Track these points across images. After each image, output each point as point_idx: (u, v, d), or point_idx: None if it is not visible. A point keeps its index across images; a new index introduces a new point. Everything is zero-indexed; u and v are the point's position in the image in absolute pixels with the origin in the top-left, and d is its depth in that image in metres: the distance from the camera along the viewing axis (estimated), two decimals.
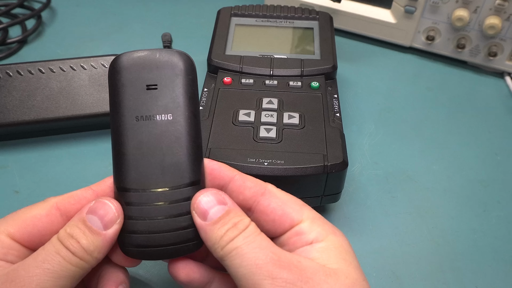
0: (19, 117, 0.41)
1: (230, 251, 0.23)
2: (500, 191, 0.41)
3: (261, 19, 0.49)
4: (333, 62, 0.44)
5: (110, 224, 0.25)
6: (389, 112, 0.49)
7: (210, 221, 0.25)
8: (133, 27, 0.59)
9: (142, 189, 0.25)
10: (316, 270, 0.23)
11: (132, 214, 0.25)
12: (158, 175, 0.25)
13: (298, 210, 0.26)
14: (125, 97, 0.26)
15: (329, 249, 0.24)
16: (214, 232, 0.24)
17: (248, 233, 0.24)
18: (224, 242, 0.24)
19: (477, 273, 0.35)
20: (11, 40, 0.55)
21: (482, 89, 0.52)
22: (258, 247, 0.23)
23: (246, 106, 0.39)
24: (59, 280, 0.23)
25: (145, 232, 0.25)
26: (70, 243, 0.24)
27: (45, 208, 0.26)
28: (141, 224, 0.25)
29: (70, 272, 0.24)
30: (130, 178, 0.25)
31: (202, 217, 0.25)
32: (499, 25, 0.48)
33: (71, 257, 0.24)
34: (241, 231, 0.24)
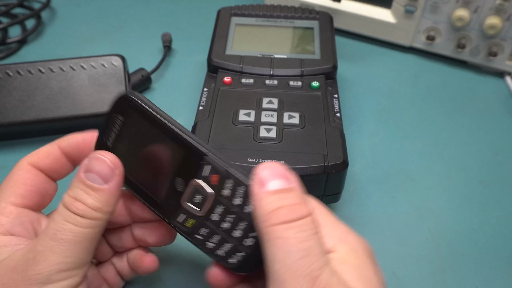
0: (19, 117, 0.41)
1: (276, 237, 0.21)
2: (500, 191, 0.41)
3: (261, 19, 0.49)
4: (333, 62, 0.44)
5: (109, 177, 0.25)
6: (389, 112, 0.49)
7: (266, 189, 0.22)
8: (133, 27, 0.59)
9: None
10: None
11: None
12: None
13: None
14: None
15: (346, 262, 0.22)
16: (266, 203, 0.22)
17: (305, 228, 0.21)
18: (275, 219, 0.21)
19: (477, 273, 0.35)
20: (11, 40, 0.55)
21: (482, 89, 0.52)
22: (307, 252, 0.21)
23: (246, 106, 0.39)
24: (77, 246, 0.23)
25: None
26: (75, 206, 0.24)
27: (21, 168, 0.27)
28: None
29: (85, 235, 0.24)
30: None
31: (259, 184, 0.23)
32: (500, 25, 0.48)
33: (81, 220, 0.24)
34: (295, 219, 0.21)
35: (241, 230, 0.24)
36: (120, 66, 0.44)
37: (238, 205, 0.24)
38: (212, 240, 0.25)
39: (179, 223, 0.26)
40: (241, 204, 0.24)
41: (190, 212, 0.25)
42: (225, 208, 0.25)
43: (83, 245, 0.24)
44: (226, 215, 0.25)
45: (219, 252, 0.25)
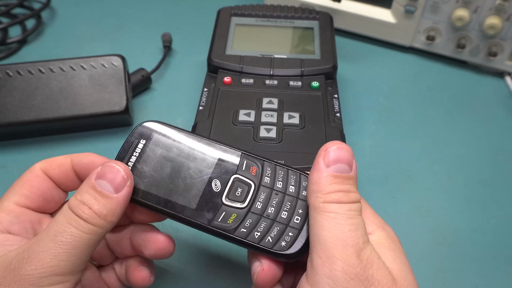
0: (19, 117, 0.41)
1: (330, 211, 0.23)
2: (500, 191, 0.41)
3: (261, 19, 0.49)
4: (333, 62, 0.44)
5: (120, 186, 0.25)
6: (389, 112, 0.49)
7: (330, 170, 0.24)
8: (133, 27, 0.59)
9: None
10: (384, 273, 0.23)
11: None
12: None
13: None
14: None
15: (383, 246, 0.24)
16: (327, 182, 0.24)
17: (355, 209, 0.23)
18: (331, 198, 0.23)
19: (477, 273, 0.35)
20: (11, 40, 0.55)
21: (482, 89, 0.52)
22: (355, 227, 0.23)
23: (246, 106, 0.39)
24: (75, 250, 0.23)
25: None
26: (81, 210, 0.24)
27: (32, 171, 0.27)
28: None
29: (85, 240, 0.24)
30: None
31: (326, 162, 0.24)
32: (499, 25, 0.48)
33: (83, 225, 0.24)
34: (350, 201, 0.23)
35: (286, 211, 0.25)
36: (120, 66, 0.44)
37: (280, 188, 0.26)
38: (258, 228, 0.25)
39: (218, 223, 0.26)
40: (283, 187, 0.26)
41: (231, 207, 0.26)
42: (267, 194, 0.26)
43: (80, 251, 0.23)
44: (270, 200, 0.26)
45: (267, 238, 0.25)
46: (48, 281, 0.23)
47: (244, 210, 0.26)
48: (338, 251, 0.22)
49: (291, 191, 0.26)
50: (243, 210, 0.26)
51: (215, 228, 0.26)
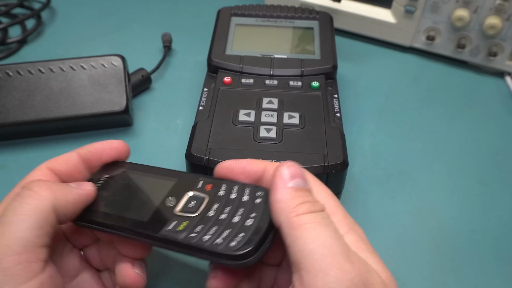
0: (19, 117, 0.41)
1: (306, 222, 0.22)
2: (500, 191, 0.41)
3: (261, 19, 0.49)
4: (333, 62, 0.44)
5: (83, 186, 0.27)
6: (389, 112, 0.49)
7: (291, 185, 0.24)
8: (133, 27, 0.59)
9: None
10: (375, 275, 0.22)
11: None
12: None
13: (322, 199, 0.25)
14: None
15: (360, 248, 0.24)
16: (292, 196, 0.24)
17: (326, 217, 0.23)
18: (302, 210, 0.23)
19: (477, 273, 0.35)
20: (11, 40, 0.55)
21: (482, 89, 0.52)
22: (335, 233, 0.22)
23: (246, 106, 0.39)
24: (21, 226, 0.23)
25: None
26: (33, 182, 0.25)
27: (38, 169, 0.28)
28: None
29: (28, 212, 0.23)
30: None
31: (283, 180, 0.24)
32: (500, 25, 0.48)
33: (28, 195, 0.24)
34: (320, 210, 0.23)
35: (240, 215, 0.25)
36: (120, 66, 0.44)
37: (234, 198, 0.26)
38: (209, 232, 0.25)
39: (168, 230, 0.25)
40: (237, 197, 0.26)
41: (183, 217, 0.26)
42: (221, 204, 0.26)
43: (27, 224, 0.23)
44: (223, 209, 0.25)
45: (218, 240, 0.24)
46: (4, 264, 0.22)
47: (196, 218, 0.25)
48: (329, 260, 0.21)
49: (245, 199, 0.25)
50: (195, 218, 0.25)
51: (165, 236, 0.25)
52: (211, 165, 0.34)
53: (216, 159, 0.34)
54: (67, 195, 0.25)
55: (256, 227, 0.24)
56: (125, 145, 0.31)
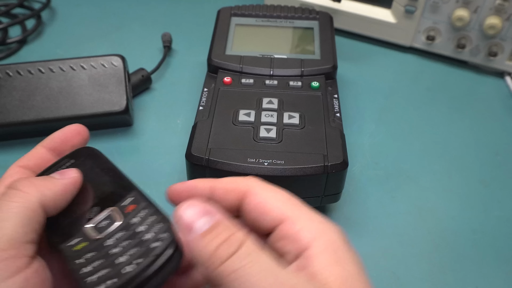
0: (19, 117, 0.41)
1: (228, 273, 0.20)
2: (500, 191, 0.41)
3: (261, 19, 0.49)
4: (333, 62, 0.44)
5: (67, 175, 0.27)
6: (389, 112, 0.49)
7: (196, 234, 0.22)
8: (133, 27, 0.59)
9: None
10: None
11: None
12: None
13: (279, 208, 0.24)
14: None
15: (324, 259, 0.22)
16: (203, 247, 0.21)
17: (247, 252, 0.21)
18: (218, 261, 0.21)
19: (477, 273, 0.35)
20: (11, 40, 0.55)
21: (482, 89, 0.52)
22: (261, 270, 0.20)
23: (246, 106, 0.39)
24: (7, 223, 0.23)
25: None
26: (17, 181, 0.25)
27: (11, 169, 0.28)
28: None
29: (13, 209, 0.23)
30: None
31: (187, 231, 0.22)
32: (499, 25, 0.48)
33: (14, 193, 0.24)
34: (236, 248, 0.21)
35: (130, 255, 0.24)
36: (120, 66, 0.44)
37: (140, 232, 0.24)
38: (92, 264, 0.24)
39: (67, 246, 0.25)
40: (143, 231, 0.24)
41: (87, 236, 0.25)
42: (124, 234, 0.25)
43: (13, 221, 0.23)
44: (122, 241, 0.24)
45: (92, 277, 0.23)
46: None
47: (95, 242, 0.25)
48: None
49: (146, 238, 0.24)
50: (94, 242, 0.25)
51: (62, 251, 0.25)
52: (211, 165, 0.34)
53: (216, 159, 0.34)
54: (52, 188, 0.25)
55: (130, 277, 0.23)
56: (83, 128, 0.31)
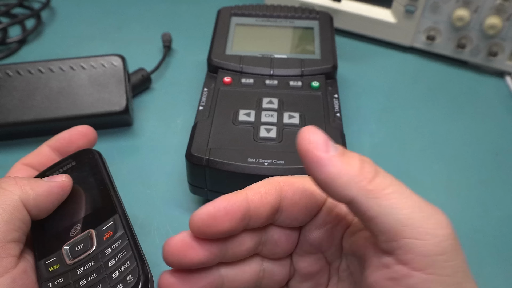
0: (19, 117, 0.41)
1: (384, 187, 0.20)
2: (500, 191, 0.41)
3: (261, 18, 0.49)
4: (333, 61, 0.44)
5: (56, 179, 0.27)
6: (389, 112, 0.49)
7: (336, 152, 0.21)
8: (133, 27, 0.59)
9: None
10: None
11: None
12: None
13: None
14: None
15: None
16: (348, 164, 0.20)
17: (387, 174, 0.21)
18: (370, 175, 0.20)
19: (477, 273, 0.35)
20: (10, 40, 0.55)
21: (482, 89, 0.52)
22: (406, 189, 0.21)
23: (246, 106, 0.39)
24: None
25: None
26: (2, 180, 0.25)
27: (15, 167, 0.29)
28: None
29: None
30: None
31: (323, 147, 0.21)
32: (500, 25, 0.48)
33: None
34: (377, 169, 0.21)
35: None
36: (120, 66, 0.44)
37: (110, 266, 0.24)
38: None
39: (45, 264, 0.25)
40: (112, 266, 0.24)
41: (61, 258, 0.25)
42: (94, 265, 0.24)
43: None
44: (90, 273, 0.24)
45: None
46: None
47: (66, 267, 0.25)
48: (432, 220, 0.20)
49: (114, 276, 0.24)
50: (65, 267, 0.25)
51: (38, 268, 0.25)
52: (211, 165, 0.34)
53: (216, 159, 0.34)
54: (36, 188, 0.25)
55: None
56: (91, 129, 0.31)
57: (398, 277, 0.20)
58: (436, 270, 0.19)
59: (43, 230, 0.27)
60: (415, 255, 0.19)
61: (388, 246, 0.20)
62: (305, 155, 0.21)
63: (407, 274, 0.20)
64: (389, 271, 0.20)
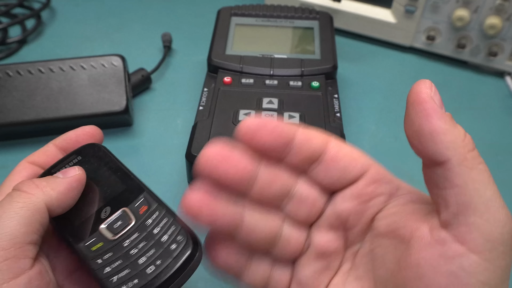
0: (19, 117, 0.41)
1: (479, 162, 0.21)
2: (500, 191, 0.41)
3: (261, 18, 0.49)
4: (333, 62, 0.44)
5: (70, 173, 0.27)
6: (389, 112, 0.49)
7: (443, 111, 0.21)
8: (133, 27, 0.59)
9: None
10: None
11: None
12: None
13: (364, 156, 0.24)
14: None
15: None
16: (454, 127, 0.21)
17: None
18: (471, 146, 0.21)
19: None
20: (10, 40, 0.55)
21: (482, 89, 0.52)
22: (493, 181, 0.21)
23: (246, 106, 0.39)
24: (9, 222, 0.23)
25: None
26: (21, 183, 0.25)
27: (20, 165, 0.29)
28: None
29: (17, 210, 0.23)
30: None
31: (440, 104, 0.22)
32: (500, 25, 0.48)
33: (18, 195, 0.24)
34: (474, 144, 0.21)
35: (148, 257, 0.24)
36: (120, 66, 0.44)
37: (156, 233, 0.25)
38: (112, 265, 0.25)
39: (84, 246, 0.26)
40: (158, 233, 0.25)
41: (103, 236, 0.26)
42: (140, 235, 0.25)
43: (16, 221, 0.23)
44: (139, 242, 0.25)
45: (114, 278, 0.24)
46: None
47: (111, 243, 0.25)
48: (505, 210, 0.20)
49: (163, 240, 0.25)
50: (110, 242, 0.25)
51: (79, 251, 0.26)
52: None
53: None
54: (56, 187, 0.26)
55: (152, 279, 0.23)
56: (98, 130, 0.31)
57: (452, 256, 0.19)
58: (492, 258, 0.19)
59: (69, 220, 0.27)
60: (478, 236, 0.19)
61: (455, 220, 0.20)
62: (420, 103, 0.21)
63: (463, 253, 0.19)
64: (443, 248, 0.20)
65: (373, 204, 0.23)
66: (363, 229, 0.24)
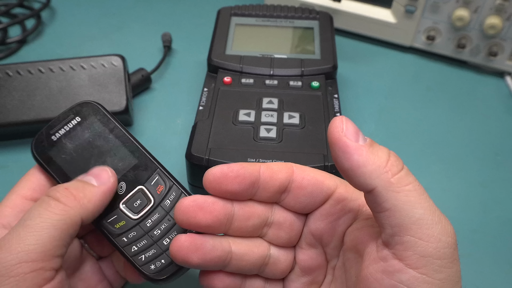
0: (19, 117, 0.41)
1: (406, 183, 0.21)
2: (500, 191, 0.41)
3: (261, 18, 0.49)
4: (333, 62, 0.44)
5: (104, 180, 0.26)
6: (389, 112, 0.49)
7: (365, 143, 0.22)
8: (133, 27, 0.59)
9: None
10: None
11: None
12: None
13: (329, 178, 0.25)
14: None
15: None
16: (376, 155, 0.21)
17: (409, 173, 0.22)
18: (395, 170, 0.21)
19: (477, 273, 0.35)
20: (10, 40, 0.55)
21: (482, 89, 0.52)
22: (424, 192, 0.21)
23: (246, 106, 0.39)
24: (43, 232, 0.23)
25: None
26: (56, 190, 0.25)
27: (36, 166, 0.29)
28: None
29: (54, 221, 0.23)
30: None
31: (354, 138, 0.22)
32: (500, 25, 0.48)
33: (53, 205, 0.24)
34: (402, 166, 0.22)
35: (170, 238, 0.26)
36: (120, 66, 0.44)
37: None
38: (138, 244, 0.26)
39: (107, 222, 0.26)
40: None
41: (124, 214, 0.26)
42: (161, 216, 0.26)
43: (50, 233, 0.23)
44: (160, 223, 0.26)
45: (141, 256, 0.26)
46: (18, 269, 0.22)
47: (133, 222, 0.26)
48: (439, 226, 0.20)
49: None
50: (133, 221, 0.26)
51: (103, 227, 0.26)
52: (211, 165, 0.34)
53: (216, 159, 0.34)
54: (92, 198, 0.25)
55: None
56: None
57: (392, 271, 0.21)
58: (429, 272, 0.20)
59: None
60: (413, 253, 0.20)
61: (391, 240, 0.21)
62: (334, 142, 0.22)
63: (401, 269, 0.21)
64: (385, 265, 0.21)
65: (342, 222, 0.25)
66: (337, 244, 0.25)
